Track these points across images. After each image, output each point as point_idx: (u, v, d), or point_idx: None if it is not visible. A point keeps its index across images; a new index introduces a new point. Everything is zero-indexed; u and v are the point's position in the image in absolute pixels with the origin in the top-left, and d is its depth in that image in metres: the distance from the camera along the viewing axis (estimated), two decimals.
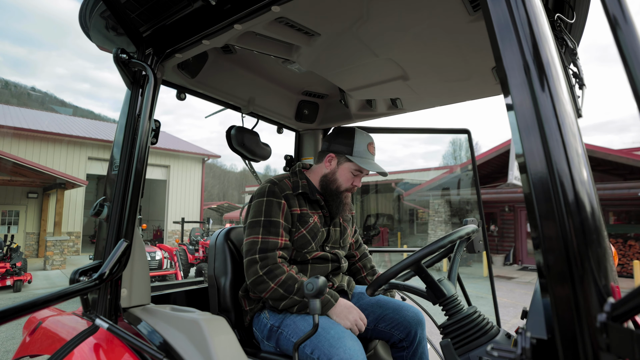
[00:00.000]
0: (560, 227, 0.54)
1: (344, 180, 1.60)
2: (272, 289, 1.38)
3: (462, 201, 15.65)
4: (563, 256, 0.54)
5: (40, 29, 57.07)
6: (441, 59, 1.40)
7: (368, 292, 1.21)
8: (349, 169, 1.59)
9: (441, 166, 33.22)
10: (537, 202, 0.56)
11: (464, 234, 1.14)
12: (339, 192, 1.61)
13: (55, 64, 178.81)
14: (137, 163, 1.27)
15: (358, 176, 1.61)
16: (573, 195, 0.54)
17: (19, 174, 12.11)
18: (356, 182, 1.62)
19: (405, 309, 1.59)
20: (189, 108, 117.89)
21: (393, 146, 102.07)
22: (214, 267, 1.71)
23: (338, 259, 1.63)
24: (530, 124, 0.57)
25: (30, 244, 15.55)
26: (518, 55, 0.60)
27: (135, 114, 1.37)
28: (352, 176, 1.60)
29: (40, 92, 63.20)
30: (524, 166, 0.58)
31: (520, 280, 11.03)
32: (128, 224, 1.24)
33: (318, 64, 1.54)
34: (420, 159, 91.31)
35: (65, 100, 75.64)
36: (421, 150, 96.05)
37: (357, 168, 1.59)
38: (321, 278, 1.03)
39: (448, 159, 50.50)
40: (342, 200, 1.61)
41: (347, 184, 1.60)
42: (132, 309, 1.33)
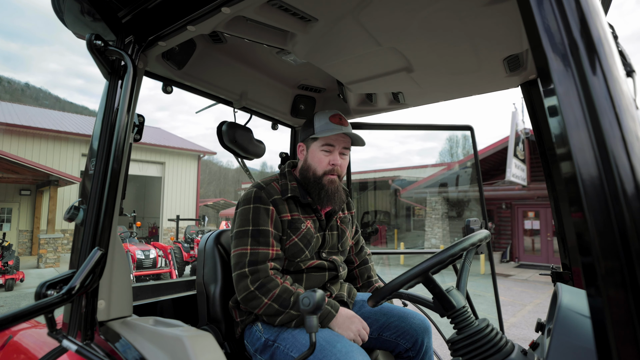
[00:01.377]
0: (620, 228, 0.42)
1: (317, 162, 1.47)
2: (266, 305, 1.26)
3: (460, 198, 15.61)
4: (624, 261, 0.42)
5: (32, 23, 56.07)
6: (449, 48, 1.28)
7: (370, 303, 1.10)
8: (317, 148, 1.47)
9: (438, 163, 33.22)
10: (587, 201, 0.45)
11: (476, 240, 1.04)
12: (317, 178, 1.46)
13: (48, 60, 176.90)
14: (114, 162, 1.15)
15: (332, 152, 1.47)
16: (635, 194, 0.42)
17: (11, 171, 11.89)
18: (333, 159, 1.46)
19: (411, 316, 1.48)
20: (184, 104, 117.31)
21: (389, 143, 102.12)
22: (202, 273, 1.59)
23: (336, 267, 1.50)
24: (579, 116, 0.46)
25: (23, 241, 15.34)
26: (562, 33, 0.48)
27: (114, 107, 1.24)
28: (324, 155, 1.47)
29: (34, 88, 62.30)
30: (569, 163, 0.47)
31: (517, 278, 11.00)
32: (104, 230, 1.12)
33: (315, 54, 1.42)
34: (416, 155, 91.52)
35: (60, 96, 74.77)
36: (417, 147, 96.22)
37: (324, 142, 1.46)
38: (319, 292, 0.92)
39: (445, 156, 50.59)
40: (324, 187, 1.45)
41: (323, 165, 1.46)
42: (110, 323, 1.21)
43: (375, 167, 35.08)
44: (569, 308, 0.79)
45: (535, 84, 1.51)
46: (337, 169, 1.48)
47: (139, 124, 1.51)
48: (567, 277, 1.41)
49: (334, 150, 1.48)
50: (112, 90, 1.27)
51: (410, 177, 19.47)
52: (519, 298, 8.22)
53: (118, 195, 1.23)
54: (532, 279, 10.77)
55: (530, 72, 1.45)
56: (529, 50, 1.29)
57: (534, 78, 1.50)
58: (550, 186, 1.45)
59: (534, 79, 1.50)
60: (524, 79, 1.51)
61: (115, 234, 1.24)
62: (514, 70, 1.43)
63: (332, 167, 1.47)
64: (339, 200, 1.50)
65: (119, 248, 1.27)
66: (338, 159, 1.48)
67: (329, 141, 1.47)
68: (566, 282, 1.41)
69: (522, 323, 6.13)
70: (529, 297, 8.32)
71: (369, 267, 1.80)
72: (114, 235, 1.22)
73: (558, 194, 1.42)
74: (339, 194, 1.50)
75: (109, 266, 1.20)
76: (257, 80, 1.89)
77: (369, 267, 1.80)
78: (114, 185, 1.15)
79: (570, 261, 1.40)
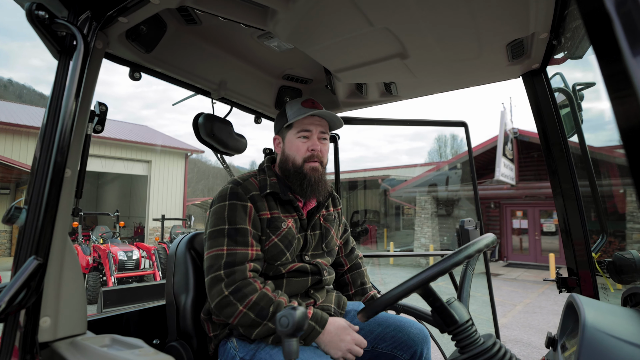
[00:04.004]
0: None
1: (295, 150, 1.35)
2: (241, 314, 1.11)
3: (450, 197, 15.65)
4: None
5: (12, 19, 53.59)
6: (449, 30, 1.15)
7: (360, 318, 0.96)
8: (293, 137, 1.36)
9: (427, 162, 33.41)
10: None
11: (482, 246, 0.90)
12: (297, 167, 1.34)
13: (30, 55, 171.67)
14: (56, 155, 0.98)
15: (309, 138, 1.35)
16: None
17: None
18: (311, 144, 1.34)
19: (408, 325, 1.35)
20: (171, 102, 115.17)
21: (377, 142, 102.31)
22: (172, 281, 1.43)
23: (319, 270, 1.36)
24: None
25: (2, 242, 14.80)
26: None
27: (63, 93, 1.07)
28: (301, 142, 1.35)
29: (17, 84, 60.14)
30: None
31: (506, 277, 11.04)
32: (42, 236, 0.95)
33: (299, 35, 1.27)
34: (404, 155, 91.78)
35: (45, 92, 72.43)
36: (405, 146, 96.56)
37: (299, 129, 1.35)
38: (299, 310, 0.77)
39: (434, 155, 50.96)
40: (306, 176, 1.33)
41: (301, 153, 1.34)
42: (57, 344, 1.02)
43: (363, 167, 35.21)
44: (597, 328, 0.66)
45: (538, 74, 1.39)
46: (317, 155, 1.35)
47: (100, 113, 1.33)
48: (573, 282, 1.30)
49: (312, 136, 1.35)
50: (61, 72, 1.09)
51: (399, 176, 19.47)
52: (509, 298, 8.22)
53: (66, 195, 1.06)
54: (520, 278, 10.82)
55: (534, 60, 1.33)
56: (534, 34, 1.17)
57: (537, 67, 1.38)
58: (556, 183, 1.33)
59: (537, 69, 1.39)
60: (526, 69, 1.39)
61: (64, 240, 1.06)
62: (516, 58, 1.31)
63: (311, 152, 1.34)
64: (323, 190, 1.37)
65: (70, 256, 1.10)
66: (317, 144, 1.35)
67: (304, 126, 1.34)
68: (572, 289, 1.30)
69: (513, 324, 6.09)
70: (519, 297, 8.33)
71: (362, 273, 1.64)
72: (61, 241, 1.05)
73: (564, 192, 1.30)
74: (324, 183, 1.37)
75: (56, 277, 1.03)
76: (237, 68, 1.73)
77: (361, 272, 1.64)
78: (56, 182, 0.98)
79: (578, 265, 1.28)
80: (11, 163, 11.28)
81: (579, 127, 1.31)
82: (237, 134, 1.84)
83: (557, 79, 1.44)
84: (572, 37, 1.12)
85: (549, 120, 1.34)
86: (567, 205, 1.30)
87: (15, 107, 19.10)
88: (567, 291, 1.31)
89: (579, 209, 1.26)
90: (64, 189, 1.05)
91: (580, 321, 0.68)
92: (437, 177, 15.53)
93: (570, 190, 1.29)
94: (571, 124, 1.37)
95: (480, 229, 2.21)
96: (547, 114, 1.34)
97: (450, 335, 0.93)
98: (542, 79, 1.37)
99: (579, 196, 1.28)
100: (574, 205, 1.28)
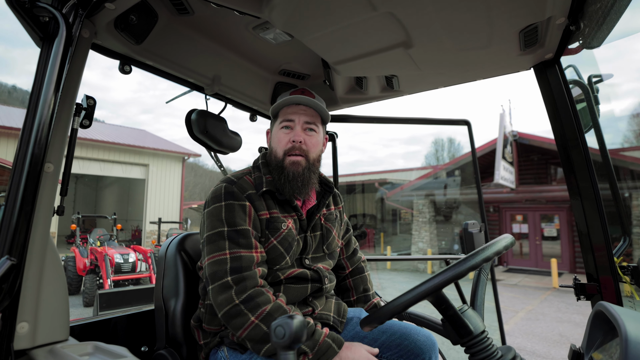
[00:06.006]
0: None
1: (277, 142, 1.26)
2: (252, 325, 1.01)
3: (448, 201, 15.57)
4: None
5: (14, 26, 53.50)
6: (458, 15, 1.07)
7: (364, 327, 0.87)
8: (277, 128, 1.27)
9: (425, 166, 33.39)
10: None
11: (501, 248, 0.81)
12: (278, 161, 1.23)
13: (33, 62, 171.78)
14: (34, 147, 0.90)
15: (292, 128, 1.24)
16: None
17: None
18: (294, 136, 1.22)
19: (414, 332, 1.25)
20: (169, 107, 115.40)
21: (373, 146, 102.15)
22: (162, 285, 1.34)
23: (320, 277, 1.26)
24: None
25: None
26: None
27: (43, 83, 0.98)
28: (283, 132, 1.25)
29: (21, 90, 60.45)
30: None
31: (506, 283, 10.94)
32: (17, 234, 0.87)
33: (296, 22, 1.18)
34: (400, 159, 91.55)
35: None
36: (401, 150, 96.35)
37: (282, 119, 1.25)
38: (296, 318, 0.68)
39: (430, 159, 50.96)
40: (284, 170, 1.20)
41: (283, 144, 1.24)
42: (35, 351, 0.95)
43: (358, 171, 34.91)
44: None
45: (551, 65, 1.31)
46: (300, 147, 1.23)
47: (88, 107, 1.25)
48: (593, 289, 1.20)
49: (294, 126, 1.24)
50: (43, 60, 1.01)
51: (397, 180, 19.40)
52: (511, 304, 8.11)
53: (47, 192, 0.98)
54: (521, 284, 10.72)
55: (547, 50, 1.25)
56: (551, 19, 1.09)
57: (550, 58, 1.30)
58: (573, 183, 1.24)
59: (550, 59, 1.30)
60: (538, 59, 1.31)
61: (44, 240, 0.99)
62: (529, 47, 1.22)
63: (292, 144, 1.22)
64: (304, 186, 1.22)
65: (52, 257, 1.02)
66: (300, 135, 1.23)
67: (287, 116, 1.25)
68: (593, 296, 1.21)
69: (515, 331, 5.98)
70: (521, 303, 8.22)
71: (365, 278, 1.54)
72: (41, 241, 0.98)
73: (582, 191, 1.22)
74: (305, 178, 1.22)
75: (35, 279, 0.96)
76: (231, 62, 1.65)
77: (364, 277, 1.54)
78: (34, 177, 0.91)
79: (598, 270, 1.19)
80: (8, 165, 11.16)
81: (596, 122, 1.23)
82: (232, 131, 1.75)
83: (570, 72, 1.36)
84: (591, 22, 1.04)
85: (564, 115, 1.25)
86: (586, 206, 1.21)
87: (20, 113, 19.06)
88: (587, 298, 1.22)
89: (598, 210, 1.18)
90: (44, 185, 0.98)
91: (621, 334, 0.59)
92: (434, 184, 15.46)
93: (588, 190, 1.20)
94: (585, 120, 1.29)
95: (485, 232, 2.12)
96: (562, 108, 1.26)
97: (463, 348, 0.84)
98: (555, 70, 1.29)
99: (598, 196, 1.19)
100: (593, 206, 1.19)
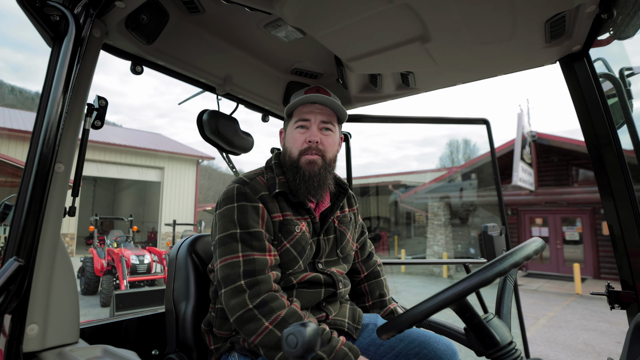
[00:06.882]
0: None
1: (292, 141, 1.21)
2: (266, 330, 0.97)
3: (465, 203, 15.27)
4: None
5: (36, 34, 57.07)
6: (479, 6, 1.01)
7: (381, 336, 0.82)
8: (292, 127, 1.23)
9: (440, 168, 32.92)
10: None
11: (531, 253, 0.75)
12: (293, 161, 1.19)
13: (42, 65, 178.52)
14: (42, 147, 0.89)
15: (308, 128, 1.21)
16: None
17: (16, 175, 11.69)
18: (310, 135, 1.18)
19: (434, 340, 1.19)
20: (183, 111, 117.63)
21: (386, 148, 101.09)
22: (172, 288, 1.31)
23: (334, 282, 1.21)
24: None
25: None
26: None
27: (53, 83, 0.98)
28: (299, 133, 1.21)
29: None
30: None
31: (526, 288, 10.61)
32: (25, 235, 0.86)
33: (308, 17, 1.15)
34: (414, 161, 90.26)
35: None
36: (415, 152, 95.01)
37: (298, 118, 1.21)
38: (310, 326, 0.63)
39: (445, 160, 50.14)
40: (299, 170, 1.17)
41: (298, 144, 1.20)
42: (44, 354, 0.94)
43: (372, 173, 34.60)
44: None
45: (579, 58, 1.23)
46: (317, 147, 1.19)
47: (100, 107, 1.24)
48: (629, 297, 1.11)
49: (310, 125, 1.21)
50: (54, 60, 1.01)
51: (411, 182, 19.17)
52: (531, 310, 7.85)
53: (58, 192, 0.97)
54: (542, 289, 10.39)
55: (575, 41, 1.17)
56: (580, 7, 1.02)
57: (578, 50, 1.22)
58: (604, 183, 1.16)
59: (577, 52, 1.23)
60: (565, 52, 1.24)
61: (55, 241, 0.98)
62: (555, 38, 1.15)
63: (308, 144, 1.19)
64: (320, 186, 1.19)
65: (62, 258, 1.02)
66: (317, 135, 1.19)
67: (302, 115, 1.21)
68: (628, 305, 1.12)
69: (537, 339, 5.77)
70: (542, 310, 7.95)
71: (381, 282, 1.48)
72: (52, 242, 0.97)
73: (615, 192, 1.13)
74: (321, 179, 1.19)
75: (46, 281, 0.95)
76: (243, 62, 1.62)
77: (380, 281, 1.48)
78: (42, 177, 0.90)
79: (634, 277, 1.10)
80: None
81: (629, 118, 1.14)
82: (243, 132, 1.73)
83: (599, 65, 1.27)
84: (626, 9, 0.97)
85: (594, 111, 1.17)
86: (620, 208, 1.12)
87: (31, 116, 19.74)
88: (622, 307, 1.13)
89: (634, 212, 1.09)
90: (54, 186, 0.97)
91: None
92: (449, 186, 15.20)
93: (622, 190, 1.12)
94: (616, 116, 1.20)
95: (505, 236, 2.03)
96: (591, 103, 1.18)
97: (488, 359, 0.78)
98: (584, 63, 1.21)
99: (633, 196, 1.10)
100: (628, 207, 1.10)
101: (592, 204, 11.85)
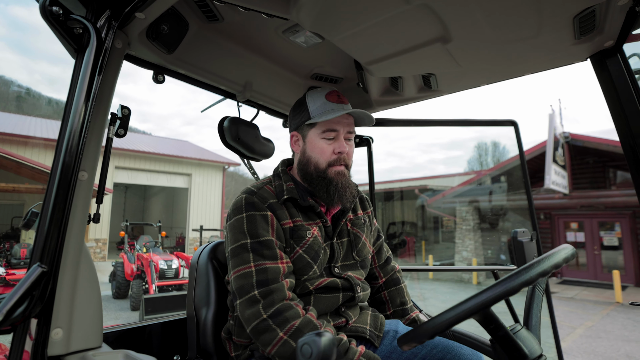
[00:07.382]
0: None
1: (319, 152, 1.20)
2: (281, 341, 0.97)
3: (494, 208, 14.76)
4: None
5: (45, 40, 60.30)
6: (503, 2, 0.97)
7: (402, 346, 0.79)
8: (317, 136, 1.20)
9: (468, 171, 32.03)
10: None
11: (560, 261, 0.70)
12: (320, 172, 1.19)
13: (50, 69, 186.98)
14: (65, 155, 0.92)
15: (336, 139, 1.20)
16: None
17: (46, 181, 12.40)
18: (338, 147, 1.19)
19: (458, 345, 1.15)
20: (209, 119, 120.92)
21: (411, 152, 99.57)
22: (194, 294, 1.33)
23: (352, 286, 1.20)
24: None
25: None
26: None
27: (77, 93, 1.02)
28: (325, 143, 1.19)
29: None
30: None
31: (561, 296, 10.09)
32: (48, 242, 0.89)
33: (325, 21, 1.14)
34: (441, 165, 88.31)
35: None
36: (442, 155, 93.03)
37: (325, 128, 1.19)
38: (325, 336, 0.62)
39: (473, 164, 48.68)
40: (332, 182, 1.18)
41: (326, 156, 1.19)
42: (68, 357, 0.96)
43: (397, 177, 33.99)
44: None
45: (612, 54, 1.16)
46: (344, 158, 1.20)
47: (123, 116, 1.29)
48: None
49: (338, 136, 1.20)
50: (78, 71, 1.05)
51: (438, 186, 18.75)
52: (567, 319, 7.44)
53: (82, 199, 1.00)
54: (578, 297, 9.83)
55: (607, 37, 1.11)
56: (610, 1, 0.96)
57: (610, 46, 1.15)
58: None
59: (610, 47, 1.16)
60: (596, 48, 1.17)
61: (79, 247, 1.01)
62: (585, 34, 1.09)
63: (337, 156, 1.19)
64: (350, 195, 1.22)
65: (86, 264, 1.04)
66: (344, 146, 1.20)
67: (331, 125, 1.19)
68: None
69: (574, 350, 5.44)
70: (579, 319, 7.51)
71: (402, 290, 1.44)
72: (76, 248, 0.99)
73: None
74: (350, 189, 1.22)
75: (70, 286, 0.97)
76: (262, 68, 1.64)
77: (401, 288, 1.44)
78: (65, 185, 0.92)
79: None
80: None
81: None
82: (264, 137, 1.74)
83: (634, 61, 1.19)
84: None
85: (629, 109, 1.10)
86: None
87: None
88: None
89: None
90: (78, 193, 1.00)
91: None
92: (478, 190, 14.74)
93: None
94: None
95: (536, 241, 1.93)
96: (626, 102, 1.11)
97: None
98: (617, 59, 1.14)
99: None
100: None
101: (633, 208, 11.14)
